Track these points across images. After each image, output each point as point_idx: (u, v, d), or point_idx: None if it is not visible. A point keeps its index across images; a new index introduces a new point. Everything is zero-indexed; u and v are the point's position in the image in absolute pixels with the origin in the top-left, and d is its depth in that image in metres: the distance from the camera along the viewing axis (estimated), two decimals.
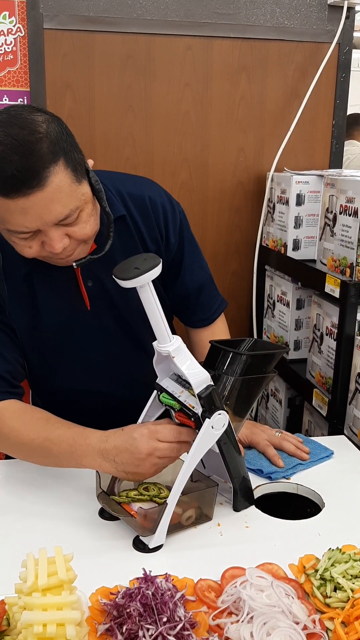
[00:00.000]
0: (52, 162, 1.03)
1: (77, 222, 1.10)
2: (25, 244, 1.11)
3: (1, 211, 1.05)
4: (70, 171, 1.06)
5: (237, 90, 2.14)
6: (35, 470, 1.29)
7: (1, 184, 1.01)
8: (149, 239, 1.33)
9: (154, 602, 0.82)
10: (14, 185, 1.01)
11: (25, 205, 1.03)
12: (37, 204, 1.03)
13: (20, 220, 1.05)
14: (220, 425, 1.08)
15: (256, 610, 0.84)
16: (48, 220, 1.06)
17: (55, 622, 0.76)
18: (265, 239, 2.18)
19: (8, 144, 1.00)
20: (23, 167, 1.00)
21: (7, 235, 1.12)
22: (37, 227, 1.07)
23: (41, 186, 1.02)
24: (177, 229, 1.38)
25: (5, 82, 1.99)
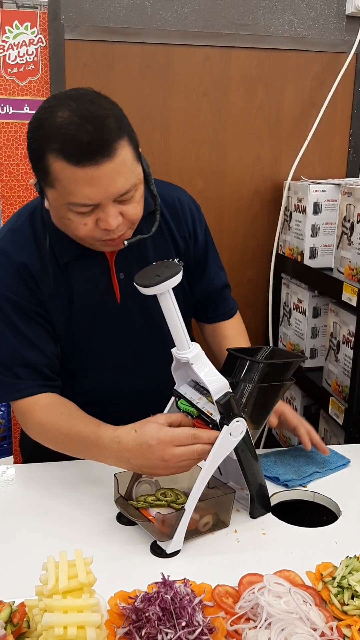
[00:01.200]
0: (119, 137, 1.09)
1: (131, 201, 1.15)
2: (81, 221, 1.14)
3: (67, 183, 1.08)
4: (132, 148, 1.13)
5: (255, 100, 2.16)
6: (53, 475, 1.31)
7: (75, 152, 1.06)
8: (179, 237, 1.39)
9: (173, 606, 0.82)
10: (88, 153, 1.06)
11: (94, 175, 1.07)
12: (105, 174, 1.08)
13: (85, 191, 1.09)
14: (238, 432, 1.08)
15: (274, 617, 0.84)
16: (112, 193, 1.10)
17: (76, 625, 0.77)
18: (282, 247, 2.19)
19: (83, 116, 1.06)
20: (97, 137, 1.06)
21: (64, 212, 1.14)
22: (100, 201, 1.11)
23: (111, 157, 1.07)
24: (203, 229, 1.45)
25: (27, 91, 2.03)
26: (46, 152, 1.08)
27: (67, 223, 1.16)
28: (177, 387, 1.17)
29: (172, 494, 1.16)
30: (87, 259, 1.27)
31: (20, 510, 1.20)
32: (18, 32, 1.99)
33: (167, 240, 1.37)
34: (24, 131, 2.03)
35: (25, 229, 1.28)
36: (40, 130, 1.09)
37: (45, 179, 1.12)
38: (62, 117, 1.06)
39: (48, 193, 1.14)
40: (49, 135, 1.07)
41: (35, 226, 1.28)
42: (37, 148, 1.10)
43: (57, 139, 1.06)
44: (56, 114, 1.07)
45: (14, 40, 1.99)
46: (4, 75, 2.01)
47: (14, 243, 1.27)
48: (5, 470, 1.34)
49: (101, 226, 1.14)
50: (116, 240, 1.19)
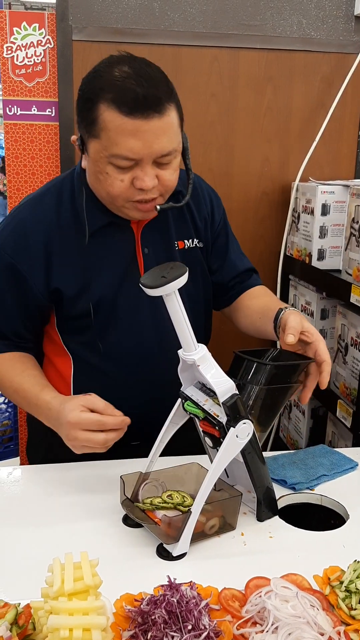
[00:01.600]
0: (171, 100, 1.15)
1: (168, 166, 1.19)
2: (118, 176, 1.17)
3: (114, 133, 1.13)
4: (178, 116, 1.19)
5: (263, 101, 2.16)
6: (59, 476, 1.31)
7: (129, 102, 1.10)
8: (198, 218, 1.43)
9: (179, 609, 0.82)
10: (141, 105, 1.10)
11: (141, 128, 1.12)
12: (151, 130, 1.12)
13: (130, 143, 1.13)
14: (245, 435, 1.08)
15: (281, 621, 0.83)
16: (155, 150, 1.14)
17: (82, 627, 0.76)
18: (290, 248, 2.18)
19: (140, 73, 1.13)
20: (151, 93, 1.11)
21: (102, 166, 1.17)
22: (142, 157, 1.14)
23: (161, 114, 1.12)
24: (221, 213, 1.49)
25: (35, 92, 2.03)
26: (99, 101, 1.13)
27: (104, 178, 1.19)
28: (183, 388, 1.16)
29: (179, 496, 1.15)
30: (116, 228, 1.30)
31: (26, 511, 1.19)
32: (26, 34, 2.00)
33: (187, 221, 1.41)
34: (32, 132, 2.05)
35: (49, 198, 1.32)
36: (96, 80, 1.15)
37: (91, 129, 1.16)
38: (120, 71, 1.13)
39: (90, 145, 1.18)
40: (105, 85, 1.12)
41: (62, 195, 1.31)
42: (90, 96, 1.15)
43: (112, 89, 1.11)
44: (114, 68, 1.13)
45: (22, 41, 2.00)
46: (12, 76, 2.01)
47: (35, 214, 1.30)
48: (12, 471, 1.34)
49: (136, 185, 1.17)
50: (147, 204, 1.22)
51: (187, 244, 1.41)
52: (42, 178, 2.05)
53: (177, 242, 1.39)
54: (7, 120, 2.03)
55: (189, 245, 1.41)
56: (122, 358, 1.38)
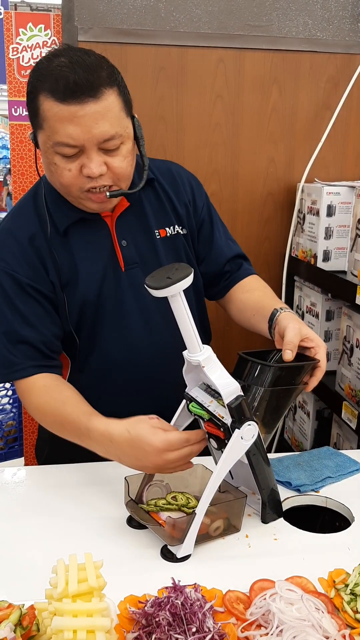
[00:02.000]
0: (108, 85, 1.16)
1: (117, 153, 1.20)
2: (65, 166, 1.18)
3: (53, 121, 1.14)
4: (121, 100, 1.19)
5: (269, 102, 2.15)
6: (64, 477, 1.30)
7: (62, 89, 1.12)
8: (178, 203, 1.41)
9: (183, 611, 0.81)
10: (74, 91, 1.12)
11: (77, 113, 1.13)
12: (88, 114, 1.13)
13: (69, 129, 1.14)
14: (250, 436, 1.07)
15: (286, 624, 0.83)
16: (94, 135, 1.15)
17: (86, 629, 0.76)
18: (295, 249, 2.17)
19: (75, 62, 1.14)
20: (85, 79, 1.13)
21: (51, 156, 1.18)
22: (83, 142, 1.15)
23: (96, 98, 1.14)
24: (203, 198, 1.47)
25: None
26: (38, 93, 1.16)
27: (54, 169, 1.20)
28: (188, 389, 1.16)
29: (183, 498, 1.15)
30: (86, 223, 1.30)
31: (30, 512, 1.19)
32: (32, 35, 2.00)
33: (166, 209, 1.40)
34: None
35: (28, 204, 1.33)
36: (35, 73, 1.17)
37: (35, 121, 1.19)
38: (58, 61, 1.14)
39: (39, 138, 1.20)
40: (42, 77, 1.15)
41: (37, 199, 1.32)
42: (31, 89, 1.18)
43: (48, 78, 1.14)
44: (53, 60, 1.15)
45: (28, 42, 2.00)
46: (18, 77, 2.01)
47: (16, 220, 1.32)
48: (16, 472, 1.34)
49: (84, 173, 1.18)
50: (100, 194, 1.22)
51: (168, 231, 1.40)
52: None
53: (157, 231, 1.38)
54: (13, 121, 2.03)
55: (171, 233, 1.40)
56: (113, 358, 1.37)
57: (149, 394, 1.36)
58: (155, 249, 1.37)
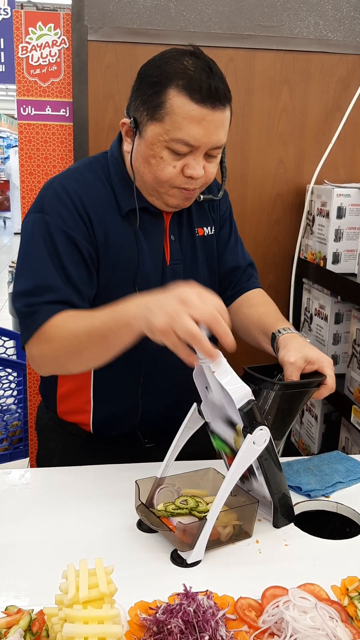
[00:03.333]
0: (229, 98, 1.23)
1: (214, 159, 1.26)
2: (171, 162, 1.21)
3: (180, 118, 1.17)
4: (230, 114, 1.25)
5: (279, 103, 2.14)
6: (72, 480, 1.29)
7: (201, 90, 1.16)
8: (211, 205, 1.47)
9: (196, 619, 0.80)
10: (212, 95, 1.17)
11: (206, 117, 1.17)
12: (214, 121, 1.19)
13: (194, 130, 1.17)
14: (262, 441, 1.06)
15: (300, 633, 0.82)
16: (212, 141, 1.20)
17: (97, 636, 0.75)
18: (304, 251, 2.16)
19: (208, 67, 1.19)
20: (222, 88, 1.19)
21: (158, 150, 1.21)
22: (200, 145, 1.19)
23: (225, 109, 1.21)
24: (225, 198, 1.52)
25: (49, 92, 2.02)
26: (169, 86, 1.17)
27: (156, 162, 1.22)
28: (211, 424, 1.16)
29: (193, 501, 1.14)
30: (148, 213, 1.33)
31: (38, 515, 1.18)
32: (41, 34, 1.99)
33: (205, 209, 1.46)
34: (46, 132, 2.04)
35: (92, 170, 1.34)
36: (167, 66, 1.19)
37: (155, 112, 1.19)
38: (189, 62, 1.19)
39: (149, 128, 1.21)
40: (177, 72, 1.17)
41: (96, 173, 1.33)
42: (159, 80, 1.19)
43: (185, 76, 1.17)
44: (182, 59, 1.19)
45: (37, 41, 1.99)
46: (27, 76, 2.00)
47: (77, 183, 1.30)
48: (24, 474, 1.33)
49: (186, 173, 1.22)
50: (192, 191, 1.26)
51: (205, 231, 1.44)
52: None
53: (197, 229, 1.42)
54: (21, 120, 2.02)
55: (207, 233, 1.45)
56: (152, 346, 1.35)
57: (170, 400, 1.35)
58: (194, 247, 1.41)
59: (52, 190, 1.29)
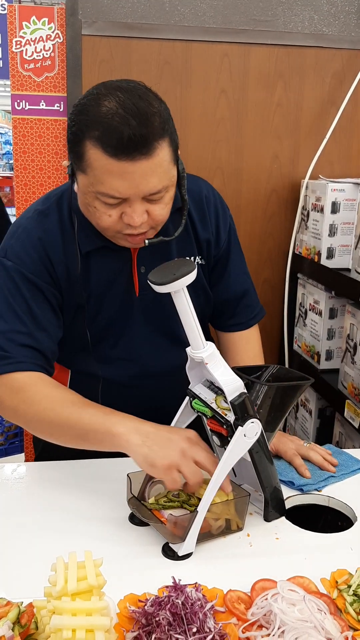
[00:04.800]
0: (161, 137, 1.09)
1: (159, 202, 1.15)
2: (106, 212, 1.14)
3: (100, 172, 1.09)
4: (171, 151, 1.13)
5: (273, 97, 2.14)
6: (65, 473, 1.29)
7: (115, 144, 1.05)
8: (202, 234, 1.36)
9: (184, 611, 0.80)
10: (127, 147, 1.05)
11: (127, 170, 1.07)
12: (139, 171, 1.08)
13: (116, 184, 1.09)
14: (253, 434, 1.06)
15: (288, 625, 0.82)
16: (142, 191, 1.10)
17: (85, 628, 0.75)
18: (299, 247, 2.16)
19: (129, 109, 1.05)
20: (139, 133, 1.05)
21: (90, 199, 1.14)
22: (129, 196, 1.11)
23: (149, 155, 1.07)
24: (227, 229, 1.42)
25: (43, 87, 2.01)
26: (85, 138, 1.08)
27: (92, 211, 1.16)
28: (191, 386, 1.15)
29: (184, 494, 1.14)
30: (110, 251, 1.27)
31: (30, 509, 1.18)
32: (35, 28, 1.98)
33: (191, 240, 1.36)
34: (40, 127, 2.03)
35: (52, 213, 1.28)
36: (83, 115, 1.09)
37: (78, 163, 1.12)
38: (108, 106, 1.06)
39: (79, 177, 1.15)
40: (92, 122, 1.07)
41: (62, 211, 1.28)
42: (76, 131, 1.10)
43: (98, 126, 1.06)
44: (102, 102, 1.07)
45: (31, 35, 1.98)
46: (21, 70, 2.00)
47: (39, 224, 1.26)
48: (16, 468, 1.33)
49: (125, 220, 1.15)
50: (137, 237, 1.18)
51: None
52: (50, 173, 2.04)
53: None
54: (16, 114, 2.02)
55: None
56: (120, 376, 1.37)
57: (153, 407, 1.31)
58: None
59: (16, 237, 1.27)
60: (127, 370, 1.38)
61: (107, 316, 1.33)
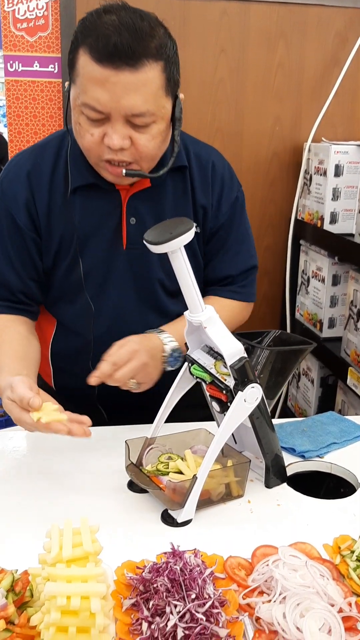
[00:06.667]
0: (153, 58, 1.07)
1: (145, 130, 1.12)
2: (89, 129, 1.12)
3: (85, 79, 1.08)
4: (164, 78, 1.10)
5: (275, 57, 2.07)
6: (62, 440, 1.26)
7: (101, 49, 1.05)
8: (201, 201, 1.32)
9: (182, 577, 0.78)
10: (112, 54, 1.04)
11: (110, 79, 1.06)
12: (120, 83, 1.06)
13: (97, 93, 1.07)
14: (253, 399, 1.03)
15: (289, 591, 0.80)
16: (123, 106, 1.08)
17: (80, 595, 0.73)
18: (301, 212, 2.11)
19: (125, 24, 1.05)
20: (128, 44, 1.04)
21: (77, 115, 1.13)
22: (109, 111, 1.08)
23: (134, 69, 1.06)
24: (230, 202, 1.35)
25: (37, 47, 1.95)
26: (80, 45, 1.08)
27: (78, 129, 1.15)
28: (190, 352, 1.12)
29: (176, 457, 1.11)
30: (99, 191, 1.25)
31: (27, 476, 1.16)
32: None
33: (188, 202, 1.31)
34: (34, 89, 1.97)
35: (52, 146, 1.28)
36: (83, 24, 1.10)
37: (71, 73, 1.12)
38: (108, 18, 1.07)
39: (71, 91, 1.14)
40: (88, 30, 1.07)
41: (62, 144, 1.27)
42: (74, 40, 1.10)
43: (92, 34, 1.06)
44: (104, 15, 1.08)
45: None
46: (13, 30, 1.93)
47: (32, 158, 1.27)
48: (13, 435, 1.31)
49: (105, 142, 1.12)
50: (117, 168, 1.16)
51: None
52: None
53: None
54: (8, 77, 1.96)
55: None
56: (104, 330, 1.33)
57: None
58: None
59: (7, 170, 1.29)
60: (98, 328, 1.32)
61: (89, 264, 1.28)
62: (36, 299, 1.34)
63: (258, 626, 0.80)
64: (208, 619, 0.75)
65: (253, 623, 0.80)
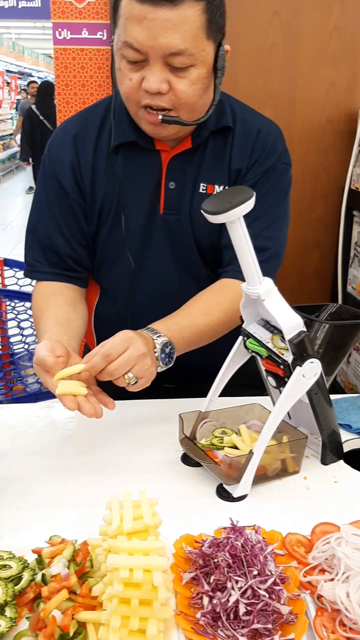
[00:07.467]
0: None
1: (184, 74, 1.09)
2: (127, 74, 1.10)
3: (125, 19, 1.06)
4: (205, 19, 1.06)
5: (330, 20, 1.99)
6: (116, 413, 1.27)
7: None
8: (235, 165, 1.27)
9: (244, 553, 0.77)
10: None
11: (148, 16, 1.03)
12: (158, 20, 1.03)
13: (136, 31, 1.05)
14: (312, 375, 1.01)
15: (353, 570, 0.78)
16: (160, 44, 1.05)
17: (142, 568, 0.73)
18: (355, 181, 2.04)
19: None
20: None
21: (118, 61, 1.12)
22: (147, 50, 1.06)
23: (173, 5, 1.03)
24: (262, 169, 1.28)
25: (85, 14, 1.91)
26: None
27: (119, 76, 1.13)
28: (245, 325, 1.09)
29: (231, 431, 1.10)
30: (140, 150, 1.24)
31: (82, 449, 1.17)
32: None
33: (224, 165, 1.27)
34: (82, 57, 1.94)
35: (102, 105, 1.28)
36: None
37: (114, 17, 1.10)
38: None
39: (115, 37, 1.11)
40: None
41: (111, 105, 1.26)
42: None
43: None
44: None
45: None
46: None
47: (80, 121, 1.29)
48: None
49: (143, 86, 1.09)
50: (154, 115, 1.13)
51: (217, 189, 1.26)
52: None
53: (205, 185, 1.27)
54: (57, 45, 1.93)
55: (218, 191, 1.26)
56: (144, 296, 1.32)
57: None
58: (191, 202, 1.26)
59: (56, 133, 1.31)
60: (138, 294, 1.32)
61: (128, 227, 1.26)
62: (85, 264, 1.34)
63: (320, 604, 0.78)
64: (270, 595, 0.75)
65: (314, 601, 0.79)
